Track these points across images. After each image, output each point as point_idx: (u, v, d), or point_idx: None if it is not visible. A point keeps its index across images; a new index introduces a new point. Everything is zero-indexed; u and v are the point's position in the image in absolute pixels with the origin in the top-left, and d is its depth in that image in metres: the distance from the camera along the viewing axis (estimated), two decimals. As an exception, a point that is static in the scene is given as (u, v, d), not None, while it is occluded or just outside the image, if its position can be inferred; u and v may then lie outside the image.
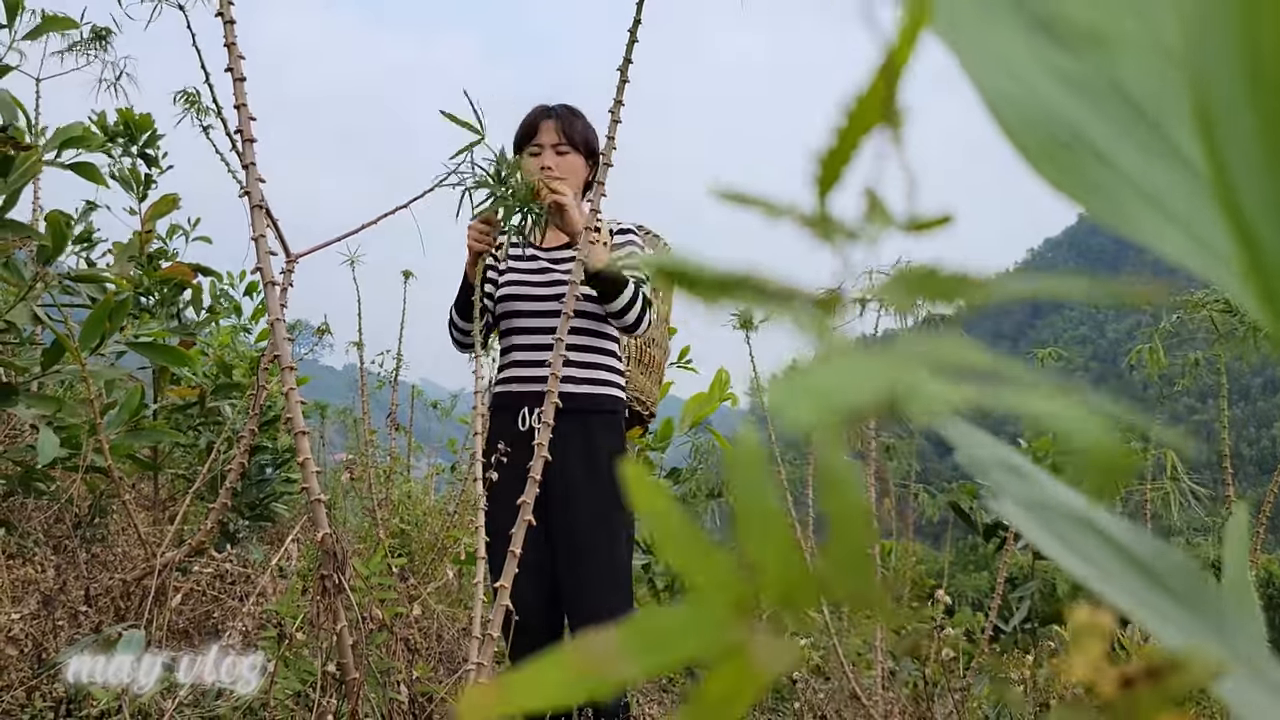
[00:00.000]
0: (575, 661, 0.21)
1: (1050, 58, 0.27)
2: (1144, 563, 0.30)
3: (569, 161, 2.37)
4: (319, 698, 1.68)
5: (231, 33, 1.63)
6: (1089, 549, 0.30)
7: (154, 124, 3.22)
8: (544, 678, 0.21)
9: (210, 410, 3.01)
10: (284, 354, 1.58)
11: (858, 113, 0.22)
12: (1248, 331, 2.62)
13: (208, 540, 2.49)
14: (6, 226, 2.12)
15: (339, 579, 1.52)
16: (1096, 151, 0.26)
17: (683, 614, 0.21)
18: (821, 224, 0.22)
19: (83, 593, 2.26)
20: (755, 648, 0.20)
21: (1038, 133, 0.26)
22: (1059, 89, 0.26)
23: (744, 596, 0.21)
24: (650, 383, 2.56)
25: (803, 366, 0.19)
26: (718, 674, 0.21)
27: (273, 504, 3.40)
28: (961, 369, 0.19)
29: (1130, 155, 0.26)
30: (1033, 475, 0.33)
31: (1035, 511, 0.31)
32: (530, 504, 1.82)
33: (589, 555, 2.26)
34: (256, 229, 1.60)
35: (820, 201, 0.22)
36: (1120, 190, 0.25)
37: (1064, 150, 0.26)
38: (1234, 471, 2.69)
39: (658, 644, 0.21)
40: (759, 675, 0.21)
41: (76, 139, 2.40)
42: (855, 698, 2.84)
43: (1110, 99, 0.26)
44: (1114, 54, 0.27)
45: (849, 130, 0.22)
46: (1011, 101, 0.26)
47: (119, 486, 2.41)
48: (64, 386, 3.05)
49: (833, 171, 0.22)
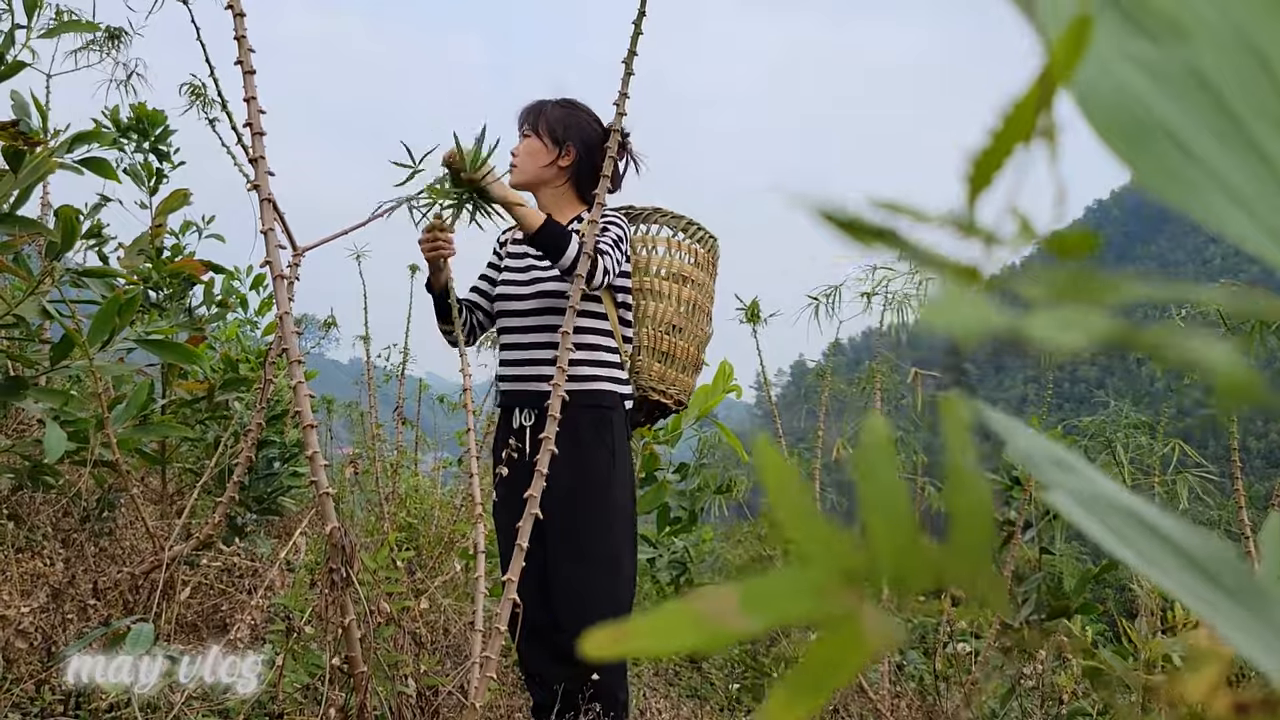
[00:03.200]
0: (697, 612, 0.21)
1: (1133, 47, 0.27)
2: (1193, 555, 0.30)
3: (526, 144, 2.44)
4: (327, 691, 1.68)
5: (241, 25, 1.63)
6: (1138, 540, 0.30)
7: (166, 119, 3.22)
8: (667, 624, 0.22)
9: (218, 405, 3.01)
10: (292, 347, 1.58)
11: (1013, 118, 0.22)
12: (1256, 326, 2.61)
13: (215, 534, 2.50)
14: (16, 222, 2.13)
15: (346, 573, 1.52)
16: (1176, 140, 0.26)
17: (793, 575, 0.22)
18: (970, 229, 0.23)
19: (91, 586, 2.27)
20: (867, 617, 0.21)
21: (1118, 119, 0.26)
22: (1141, 77, 0.27)
23: (854, 568, 0.21)
24: (674, 371, 2.54)
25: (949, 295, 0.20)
26: (826, 639, 0.21)
27: (280, 498, 3.40)
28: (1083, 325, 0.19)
29: (1208, 145, 0.26)
30: (1082, 469, 0.34)
31: (1088, 505, 0.31)
32: (537, 497, 1.82)
33: (577, 552, 2.27)
34: (265, 222, 1.61)
35: (970, 205, 0.23)
36: (1198, 179, 0.26)
37: (1145, 138, 0.26)
38: (1242, 465, 2.68)
39: (774, 602, 0.21)
40: (867, 644, 0.21)
41: (88, 135, 2.40)
42: (862, 691, 2.85)
43: (1190, 89, 0.27)
44: (1195, 44, 0.27)
45: (1003, 134, 0.22)
46: (1096, 89, 0.27)
47: (127, 481, 2.42)
48: (72, 381, 3.06)
49: (985, 175, 0.23)
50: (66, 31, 2.70)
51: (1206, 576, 0.29)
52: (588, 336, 2.38)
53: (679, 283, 2.54)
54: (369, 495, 4.53)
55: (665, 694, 3.24)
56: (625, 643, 0.22)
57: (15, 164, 2.07)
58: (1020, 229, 0.23)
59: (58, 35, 2.66)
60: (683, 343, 2.53)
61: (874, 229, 0.22)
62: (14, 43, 2.42)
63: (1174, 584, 0.28)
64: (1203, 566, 0.30)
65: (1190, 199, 0.26)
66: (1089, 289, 0.21)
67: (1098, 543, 0.30)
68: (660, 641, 0.21)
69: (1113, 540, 0.30)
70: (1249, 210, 0.26)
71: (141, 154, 3.21)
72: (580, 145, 2.43)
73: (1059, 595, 3.55)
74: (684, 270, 2.55)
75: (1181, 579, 0.29)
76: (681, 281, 2.54)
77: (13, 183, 2.09)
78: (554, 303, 2.38)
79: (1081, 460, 0.34)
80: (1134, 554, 0.29)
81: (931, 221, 0.23)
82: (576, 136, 2.44)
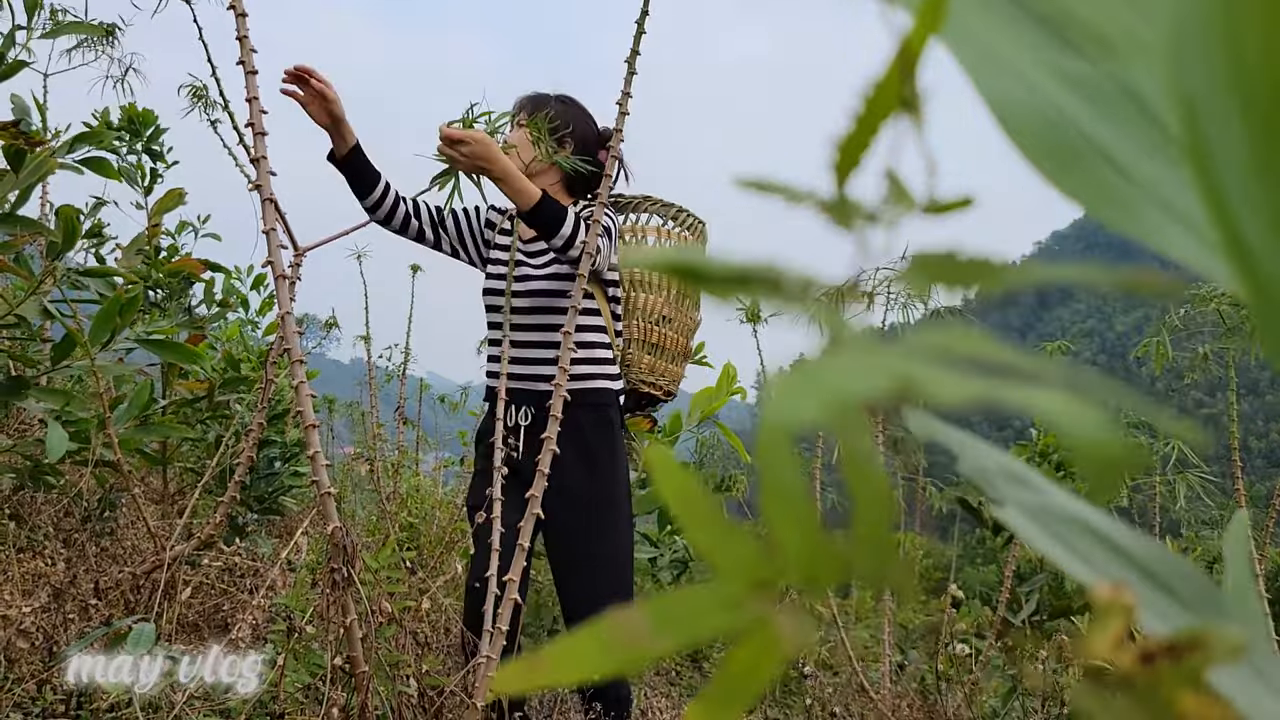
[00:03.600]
0: (607, 636, 0.21)
1: (1057, 61, 0.26)
2: (1147, 567, 0.30)
3: (521, 135, 2.38)
4: (328, 691, 1.68)
5: (243, 25, 1.63)
6: (1093, 553, 0.30)
7: (158, 119, 3.23)
8: (577, 652, 0.21)
9: (219, 404, 3.02)
10: (294, 347, 1.58)
11: (875, 99, 0.22)
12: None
13: (217, 534, 2.50)
14: (17, 222, 2.13)
15: (348, 572, 1.52)
16: (1105, 155, 0.25)
17: (706, 592, 0.21)
18: (841, 208, 0.22)
19: (93, 586, 2.27)
20: (779, 622, 0.21)
21: (1045, 137, 0.25)
22: (1067, 93, 0.26)
23: (766, 574, 0.21)
24: (664, 362, 2.52)
25: (811, 360, 0.19)
26: (742, 647, 0.21)
27: (281, 497, 3.41)
28: (972, 361, 0.19)
29: (1139, 159, 0.25)
30: (1035, 482, 0.33)
31: (1039, 518, 0.31)
32: (538, 497, 1.82)
33: (586, 552, 2.26)
34: (267, 222, 1.61)
35: (839, 186, 0.22)
36: (1129, 193, 0.25)
37: (1072, 154, 0.25)
38: (1243, 465, 2.68)
39: (685, 619, 0.21)
40: (782, 648, 0.21)
41: (88, 135, 2.41)
42: (863, 690, 2.85)
43: (1120, 103, 0.26)
44: (1124, 58, 0.26)
45: (867, 116, 0.22)
46: (1017, 105, 0.26)
47: (128, 481, 2.42)
48: (73, 381, 3.06)
49: (851, 157, 0.22)
50: (67, 33, 2.70)
51: (1163, 589, 0.29)
52: (585, 334, 2.36)
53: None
54: (371, 494, 4.53)
55: (666, 693, 3.24)
56: (537, 674, 0.21)
57: (16, 164, 2.08)
58: (895, 195, 0.22)
59: (56, 36, 2.66)
60: (672, 333, 2.51)
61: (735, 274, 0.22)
62: (14, 43, 2.42)
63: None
64: (1159, 579, 0.30)
65: (1130, 221, 0.25)
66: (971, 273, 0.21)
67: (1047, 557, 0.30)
68: (570, 670, 0.21)
69: (1062, 552, 0.30)
70: (1191, 227, 0.25)
71: (135, 154, 3.21)
72: (576, 142, 2.42)
73: (1060, 595, 3.55)
74: None
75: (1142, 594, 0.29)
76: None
77: (14, 182, 2.09)
78: (548, 301, 2.35)
79: (1035, 474, 0.34)
80: (1086, 568, 0.29)
81: (804, 200, 0.23)
82: (578, 136, 2.43)
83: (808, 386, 0.18)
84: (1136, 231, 0.25)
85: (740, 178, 0.23)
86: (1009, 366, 0.19)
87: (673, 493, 0.22)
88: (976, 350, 0.19)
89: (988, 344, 0.20)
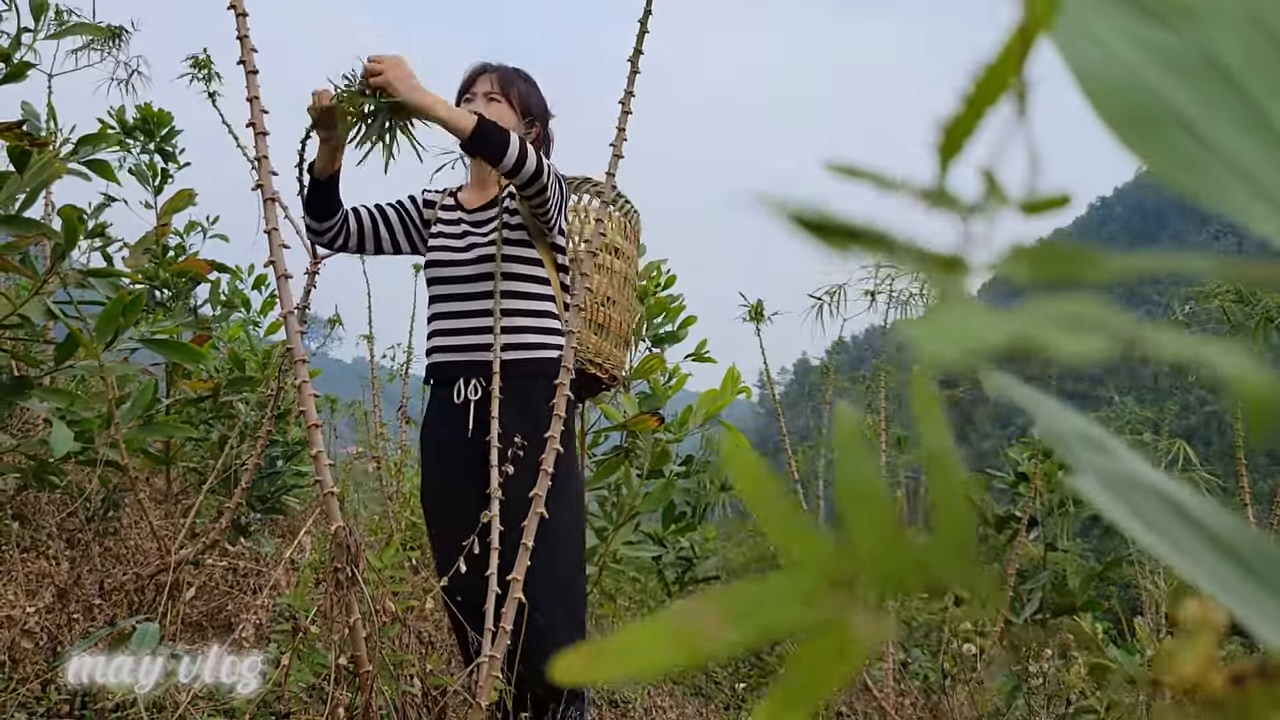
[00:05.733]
0: (676, 628, 0.21)
1: (1140, 31, 0.26)
2: (1233, 548, 0.28)
3: (497, 109, 2.25)
4: (332, 690, 1.68)
5: (244, 25, 1.63)
6: (1174, 530, 0.29)
7: (172, 119, 3.23)
8: (643, 643, 0.21)
9: (223, 404, 3.02)
10: (297, 347, 1.58)
11: (985, 83, 0.22)
12: (1260, 321, 2.61)
13: (220, 535, 2.50)
14: (22, 224, 2.13)
15: (352, 572, 1.52)
16: (1187, 125, 0.25)
17: (778, 583, 0.21)
18: (940, 197, 0.22)
19: (97, 586, 2.27)
20: (855, 620, 0.20)
21: (1127, 107, 0.25)
22: (1149, 63, 0.26)
23: (839, 571, 0.21)
24: (609, 345, 2.41)
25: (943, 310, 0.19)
26: (814, 645, 0.21)
27: (284, 497, 3.41)
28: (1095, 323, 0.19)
29: (1222, 129, 0.25)
30: (1114, 448, 0.32)
31: (1118, 489, 0.29)
32: (542, 496, 1.81)
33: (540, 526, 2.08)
34: (270, 222, 1.61)
35: (941, 172, 0.22)
36: (1211, 164, 0.25)
37: (1154, 124, 0.25)
38: (1246, 462, 2.68)
39: (757, 613, 0.21)
40: (858, 649, 0.20)
41: (93, 137, 2.41)
42: (867, 689, 2.84)
43: (1202, 72, 0.26)
44: (1207, 27, 0.26)
45: (975, 100, 0.22)
46: (1101, 75, 0.26)
47: (132, 480, 2.42)
48: (77, 381, 3.06)
49: (955, 142, 0.22)
50: (73, 34, 2.70)
51: (1243, 568, 0.28)
52: (533, 302, 2.22)
53: (612, 254, 2.45)
54: (373, 493, 4.54)
55: (670, 692, 3.24)
56: (600, 665, 0.20)
57: (21, 165, 2.08)
58: (990, 192, 0.22)
59: (62, 37, 2.66)
60: (617, 316, 2.43)
61: (847, 229, 0.21)
62: (20, 45, 2.42)
63: (1205, 575, 0.27)
64: (1239, 557, 0.28)
65: (1205, 187, 0.25)
66: (1072, 263, 0.20)
67: (1124, 530, 0.28)
68: (639, 662, 0.20)
69: (1141, 527, 0.28)
70: (1263, 194, 0.25)
71: (147, 154, 3.21)
72: (542, 126, 2.34)
73: (1064, 592, 3.55)
74: (616, 242, 2.47)
75: (1215, 570, 0.27)
76: (615, 253, 2.46)
77: (19, 184, 2.09)
78: (494, 268, 2.19)
79: (1115, 439, 0.32)
80: (1164, 541, 0.28)
81: (899, 189, 0.22)
82: (540, 116, 2.34)
83: (939, 330, 0.18)
84: (1213, 200, 0.25)
85: (832, 163, 0.23)
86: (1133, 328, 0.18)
87: (747, 484, 0.22)
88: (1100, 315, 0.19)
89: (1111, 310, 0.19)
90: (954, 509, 0.20)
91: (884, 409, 3.24)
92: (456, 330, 2.23)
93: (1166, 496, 0.30)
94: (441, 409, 2.25)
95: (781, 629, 0.21)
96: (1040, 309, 0.19)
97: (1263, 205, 0.25)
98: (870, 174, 0.22)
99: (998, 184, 0.22)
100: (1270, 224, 0.24)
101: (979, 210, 0.22)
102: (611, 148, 1.95)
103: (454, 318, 2.24)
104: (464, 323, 2.23)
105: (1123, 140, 0.25)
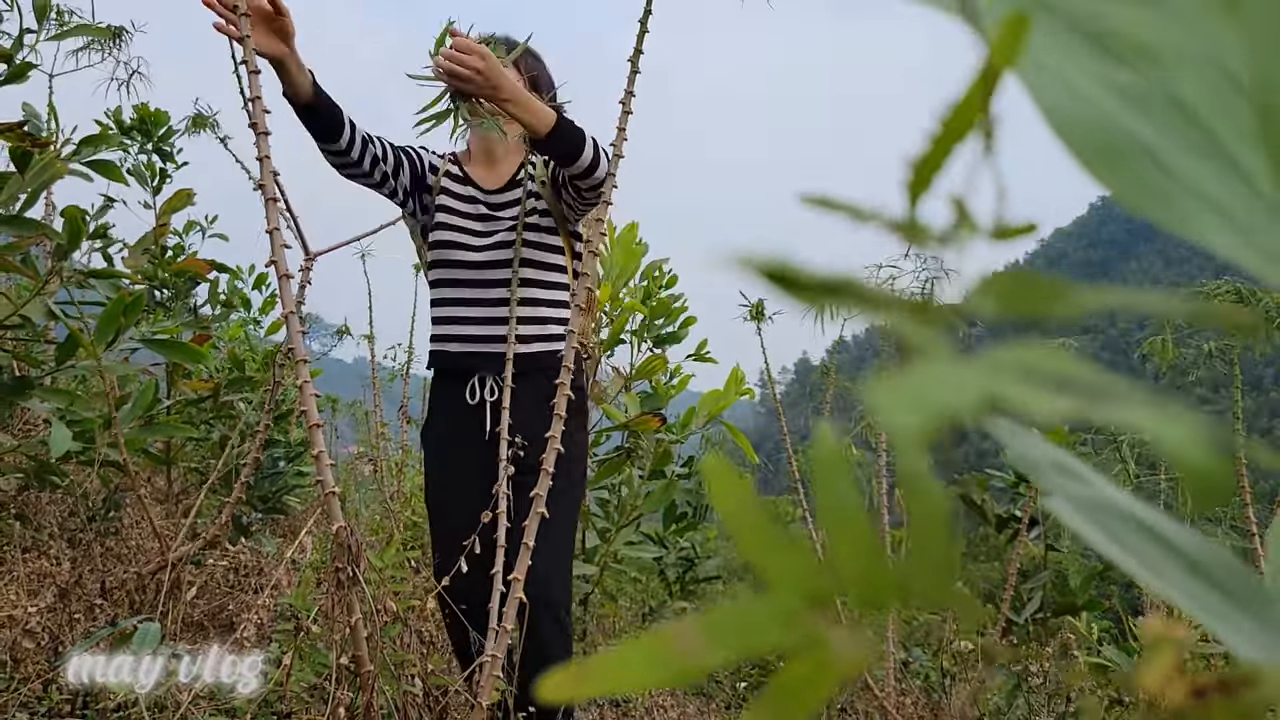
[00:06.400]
0: (660, 647, 0.21)
1: (1104, 72, 0.28)
2: (1195, 561, 0.30)
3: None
4: (333, 690, 1.69)
5: (246, 25, 1.63)
6: (1141, 547, 0.30)
7: (169, 120, 3.24)
8: (626, 662, 0.21)
9: (223, 404, 3.02)
10: (298, 347, 1.58)
11: (953, 120, 0.22)
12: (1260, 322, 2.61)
13: (221, 534, 2.50)
14: (23, 224, 2.13)
15: (353, 571, 1.52)
16: (1154, 158, 0.27)
17: (759, 604, 0.21)
18: (910, 229, 0.22)
19: (98, 586, 2.27)
20: (835, 639, 0.21)
21: (1097, 143, 0.27)
22: (1116, 102, 0.27)
23: (820, 590, 0.21)
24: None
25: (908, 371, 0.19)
26: (795, 664, 0.21)
27: (285, 496, 3.42)
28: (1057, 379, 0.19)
29: (1186, 161, 0.27)
30: (1083, 473, 0.34)
31: (1088, 510, 0.31)
32: (543, 496, 1.81)
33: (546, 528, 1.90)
34: (271, 222, 1.61)
35: (911, 207, 0.22)
36: (1177, 194, 0.27)
37: (1122, 158, 0.27)
38: (1246, 462, 2.68)
39: (738, 632, 0.21)
40: (838, 667, 0.21)
41: (95, 138, 2.41)
42: (867, 688, 2.85)
43: (1166, 110, 0.28)
44: (1168, 68, 0.28)
45: (943, 138, 0.22)
46: (1071, 114, 0.27)
47: (133, 480, 2.43)
48: (77, 381, 3.06)
49: (925, 177, 0.22)
50: (75, 35, 2.71)
51: (1210, 582, 0.29)
52: (554, 291, 2.12)
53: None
54: (374, 493, 4.54)
55: (671, 691, 3.25)
56: (585, 683, 0.21)
57: (22, 165, 2.08)
58: (959, 221, 0.22)
59: (64, 39, 2.67)
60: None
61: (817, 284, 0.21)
62: (22, 46, 2.43)
63: (1177, 591, 0.28)
64: (1206, 572, 0.30)
65: (1167, 211, 0.26)
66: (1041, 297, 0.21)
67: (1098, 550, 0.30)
68: (622, 680, 0.21)
69: (1113, 547, 0.29)
70: (1228, 221, 0.26)
71: (145, 154, 3.22)
72: (546, 91, 2.18)
73: (1065, 592, 3.55)
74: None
75: (1185, 586, 0.29)
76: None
77: (20, 184, 2.09)
78: (513, 255, 2.08)
79: (1084, 465, 0.34)
80: (1135, 560, 0.29)
81: (871, 221, 0.23)
82: (549, 92, 2.20)
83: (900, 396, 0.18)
84: (1175, 223, 0.26)
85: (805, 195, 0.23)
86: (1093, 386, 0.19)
87: (724, 501, 0.22)
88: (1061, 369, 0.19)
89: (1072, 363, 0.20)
90: (933, 530, 0.20)
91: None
92: (470, 319, 2.10)
93: (1138, 520, 0.32)
94: (452, 406, 2.12)
95: (762, 649, 0.21)
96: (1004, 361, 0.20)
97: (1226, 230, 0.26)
98: (844, 206, 0.23)
99: (968, 214, 0.23)
100: (1232, 246, 0.26)
101: (949, 240, 0.23)
102: (612, 147, 1.95)
103: (468, 305, 2.11)
104: (480, 311, 2.10)
105: (1092, 172, 0.27)
